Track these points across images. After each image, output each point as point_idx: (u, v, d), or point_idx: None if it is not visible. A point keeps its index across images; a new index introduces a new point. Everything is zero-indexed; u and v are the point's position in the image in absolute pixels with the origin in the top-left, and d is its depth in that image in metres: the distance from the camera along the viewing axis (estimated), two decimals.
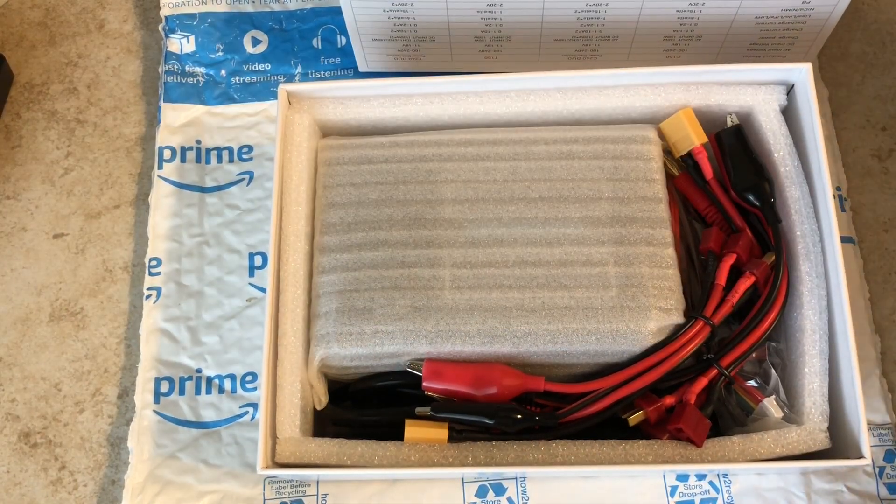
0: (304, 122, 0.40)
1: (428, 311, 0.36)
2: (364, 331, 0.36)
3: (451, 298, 0.36)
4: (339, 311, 0.36)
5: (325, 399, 0.37)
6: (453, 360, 0.36)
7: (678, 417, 0.34)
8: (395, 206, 0.38)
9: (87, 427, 0.42)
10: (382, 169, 0.39)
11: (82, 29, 0.51)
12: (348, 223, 0.38)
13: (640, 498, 0.39)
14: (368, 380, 0.37)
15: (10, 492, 0.41)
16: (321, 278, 0.37)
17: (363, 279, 0.37)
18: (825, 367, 0.36)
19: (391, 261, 0.37)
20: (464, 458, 0.34)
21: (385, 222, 0.38)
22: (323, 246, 0.38)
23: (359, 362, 0.36)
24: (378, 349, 0.36)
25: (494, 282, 0.36)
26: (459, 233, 0.37)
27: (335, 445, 0.35)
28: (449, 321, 0.36)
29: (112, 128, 0.49)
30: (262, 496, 0.40)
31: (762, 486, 0.39)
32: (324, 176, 0.40)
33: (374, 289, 0.36)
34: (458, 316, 0.36)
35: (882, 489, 0.40)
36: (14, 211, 0.47)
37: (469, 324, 0.35)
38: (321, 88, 0.40)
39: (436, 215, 0.38)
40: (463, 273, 0.37)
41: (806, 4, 0.42)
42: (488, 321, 0.35)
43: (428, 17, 0.44)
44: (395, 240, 0.37)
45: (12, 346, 0.44)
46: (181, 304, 0.44)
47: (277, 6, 0.51)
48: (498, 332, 0.35)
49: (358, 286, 0.37)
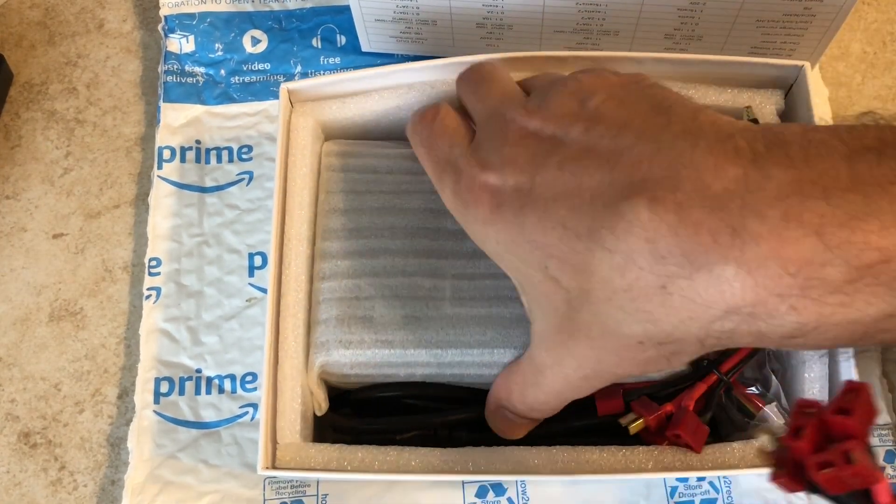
0: (308, 124, 0.39)
1: (428, 320, 0.36)
2: (364, 339, 0.36)
3: (452, 309, 0.36)
4: (338, 318, 0.36)
5: (325, 405, 0.37)
6: (453, 372, 0.36)
7: (677, 423, 0.34)
8: (397, 214, 0.38)
9: (86, 427, 0.42)
10: (386, 179, 0.39)
11: (82, 29, 0.51)
12: (349, 230, 0.38)
13: (641, 498, 0.39)
14: (369, 390, 0.37)
15: (10, 492, 0.41)
16: (321, 284, 0.37)
17: (363, 287, 0.37)
18: (825, 372, 0.36)
19: (392, 269, 0.37)
20: (464, 463, 0.34)
21: (387, 230, 0.38)
22: (324, 252, 0.38)
23: (359, 370, 0.36)
24: (378, 358, 0.35)
25: (495, 293, 0.36)
26: (461, 244, 0.37)
27: (335, 451, 0.35)
28: (449, 331, 0.35)
29: (112, 128, 0.49)
30: (263, 496, 0.40)
31: (763, 486, 0.40)
32: (326, 182, 0.39)
33: (375, 297, 0.36)
34: (458, 326, 0.36)
35: None
36: (13, 211, 0.47)
37: (469, 334, 0.35)
38: (323, 83, 0.39)
39: (438, 225, 0.38)
40: (464, 284, 0.36)
41: (808, 10, 0.42)
42: (488, 332, 0.35)
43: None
44: (397, 248, 0.37)
45: (12, 346, 0.44)
46: (181, 305, 0.44)
47: (277, 6, 0.51)
48: (498, 343, 0.35)
49: (358, 294, 0.36)
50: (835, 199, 0.23)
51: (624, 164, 0.26)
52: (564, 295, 0.28)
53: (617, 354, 0.28)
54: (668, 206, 0.24)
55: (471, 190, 0.30)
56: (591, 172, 0.27)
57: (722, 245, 0.23)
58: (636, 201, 0.25)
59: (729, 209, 0.24)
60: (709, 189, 0.24)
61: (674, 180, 0.25)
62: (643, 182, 0.25)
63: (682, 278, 0.24)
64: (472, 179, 0.30)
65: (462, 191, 0.31)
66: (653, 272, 0.25)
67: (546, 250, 0.28)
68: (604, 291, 0.26)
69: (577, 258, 0.26)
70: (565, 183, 0.27)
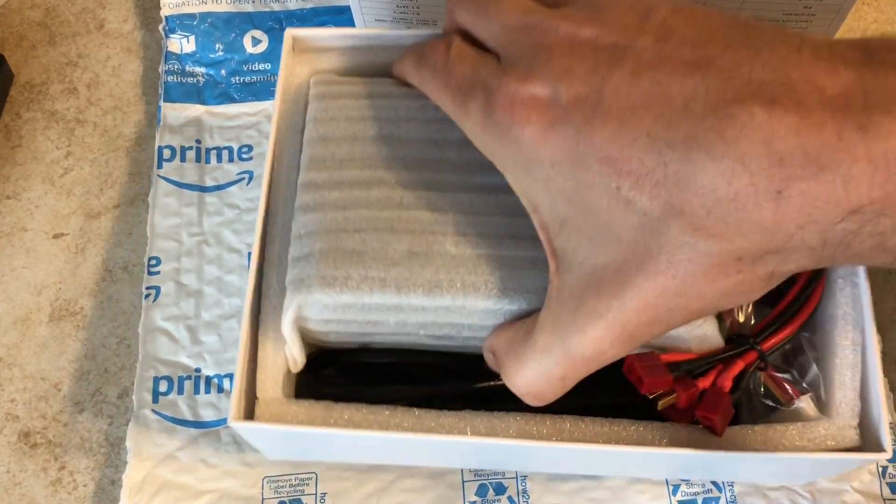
0: (305, 73, 0.37)
1: (427, 257, 0.31)
2: (350, 275, 0.30)
3: (455, 247, 0.31)
4: (322, 252, 0.31)
5: (300, 360, 0.33)
6: (451, 321, 0.32)
7: (712, 405, 0.31)
8: (395, 144, 0.33)
9: (86, 427, 0.42)
10: (384, 104, 0.34)
11: (82, 29, 0.52)
12: (340, 159, 0.33)
13: (643, 496, 0.39)
14: (358, 353, 0.34)
15: (10, 492, 0.41)
16: (304, 217, 0.32)
17: (354, 219, 0.31)
18: (857, 359, 0.34)
19: (388, 201, 0.32)
20: (462, 427, 0.32)
21: (382, 161, 0.33)
22: (308, 182, 0.33)
23: (342, 315, 0.32)
24: (366, 298, 0.31)
25: (508, 231, 0.31)
26: (468, 178, 0.33)
27: (321, 409, 0.32)
28: (451, 270, 0.31)
29: (112, 128, 0.49)
30: (261, 495, 0.40)
31: (766, 485, 0.39)
32: (314, 110, 0.35)
33: (367, 230, 0.31)
34: (462, 265, 0.31)
35: (885, 489, 0.40)
36: (14, 211, 0.47)
37: (475, 274, 0.31)
38: (329, 35, 0.37)
39: (441, 157, 0.33)
40: (470, 220, 0.32)
41: (807, 10, 0.42)
42: (496, 273, 0.31)
43: None
44: (393, 180, 0.33)
45: (12, 346, 0.44)
46: (180, 304, 0.44)
47: (277, 6, 0.51)
48: (508, 286, 0.31)
49: (347, 226, 0.31)
50: None
51: (719, 69, 0.25)
52: (637, 219, 0.25)
53: (704, 280, 0.25)
54: (788, 107, 0.23)
55: (511, 108, 0.27)
56: (678, 79, 0.25)
57: (848, 142, 0.23)
58: (750, 103, 0.23)
59: (851, 108, 0.23)
60: (825, 91, 0.23)
61: (785, 83, 0.24)
62: (750, 85, 0.24)
63: (802, 180, 0.23)
64: (512, 95, 0.27)
65: (497, 111, 0.27)
66: (768, 177, 0.23)
67: (621, 167, 0.25)
68: (701, 204, 0.24)
69: (665, 171, 0.24)
70: (646, 91, 0.25)
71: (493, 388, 0.34)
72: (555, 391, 0.29)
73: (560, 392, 0.29)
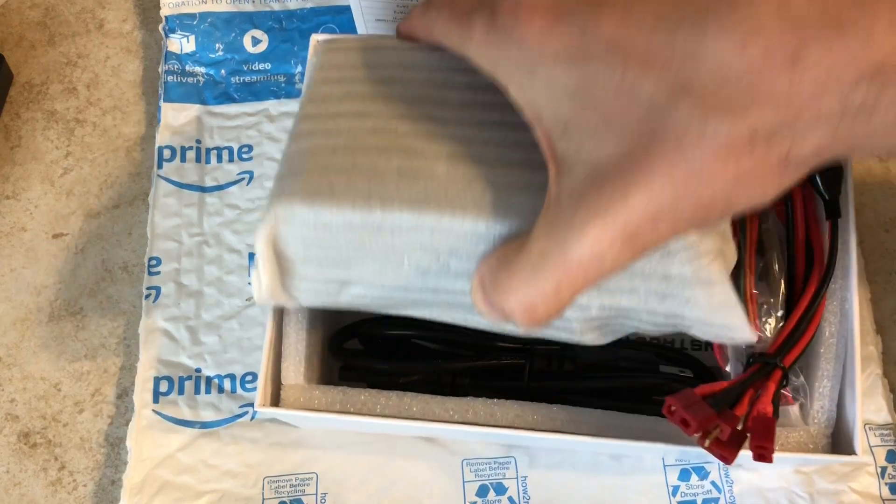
0: None
1: (417, 174, 0.30)
2: (335, 187, 0.30)
3: (447, 168, 0.30)
4: (308, 169, 0.30)
5: (268, 285, 0.32)
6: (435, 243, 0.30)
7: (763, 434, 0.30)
8: (396, 84, 0.33)
9: (86, 427, 0.42)
10: (388, 53, 0.34)
11: (82, 29, 0.51)
12: (339, 95, 0.33)
13: (642, 497, 0.39)
14: (379, 325, 0.36)
15: (10, 492, 0.41)
16: (296, 142, 0.32)
17: (346, 143, 0.31)
18: (839, 370, 0.35)
19: (383, 130, 0.31)
20: (463, 413, 0.34)
21: (382, 98, 0.32)
22: (305, 114, 0.32)
23: (322, 235, 0.30)
24: (348, 214, 0.29)
25: (504, 158, 0.30)
26: (469, 114, 0.32)
27: (339, 393, 0.35)
28: (439, 187, 0.29)
29: (112, 127, 0.49)
30: (261, 496, 0.40)
31: (764, 486, 0.39)
32: (317, 62, 0.35)
33: (357, 150, 0.30)
34: (452, 185, 0.29)
35: (884, 489, 0.40)
36: (13, 211, 0.47)
37: (464, 193, 0.29)
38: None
39: (443, 98, 0.32)
40: (465, 148, 0.30)
41: None
42: (488, 194, 0.29)
43: None
44: (392, 112, 0.32)
45: (12, 346, 0.44)
46: (180, 304, 0.44)
47: (277, 5, 0.51)
48: (499, 207, 0.29)
49: (337, 147, 0.31)
50: None
51: None
52: (644, 107, 0.24)
53: (714, 162, 0.24)
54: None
55: (515, 10, 0.26)
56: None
57: None
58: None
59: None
60: None
61: None
62: None
63: (820, 41, 0.22)
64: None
65: (501, 16, 0.27)
66: (783, 41, 0.22)
67: (627, 51, 0.24)
68: (712, 80, 0.23)
69: (673, 49, 0.24)
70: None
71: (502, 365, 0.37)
72: (548, 306, 0.27)
73: (553, 308, 0.27)
